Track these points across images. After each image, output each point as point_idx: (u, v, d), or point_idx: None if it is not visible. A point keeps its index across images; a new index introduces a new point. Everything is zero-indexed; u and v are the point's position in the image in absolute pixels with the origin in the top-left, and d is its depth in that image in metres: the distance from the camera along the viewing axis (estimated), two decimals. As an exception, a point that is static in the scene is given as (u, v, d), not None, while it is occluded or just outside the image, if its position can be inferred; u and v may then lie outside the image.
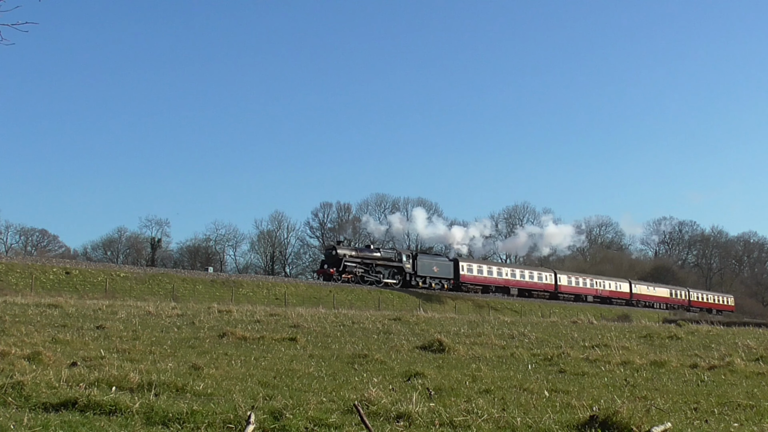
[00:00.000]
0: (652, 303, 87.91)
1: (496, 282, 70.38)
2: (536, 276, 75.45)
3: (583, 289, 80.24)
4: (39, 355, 11.27)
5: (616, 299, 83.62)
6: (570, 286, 78.77)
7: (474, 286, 67.73)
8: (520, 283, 73.01)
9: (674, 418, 8.01)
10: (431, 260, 64.87)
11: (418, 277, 62.16)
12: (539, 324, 26.86)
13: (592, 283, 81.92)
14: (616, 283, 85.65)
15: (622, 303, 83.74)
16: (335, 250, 58.00)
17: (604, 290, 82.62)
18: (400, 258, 61.81)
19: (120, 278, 46.38)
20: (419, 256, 64.01)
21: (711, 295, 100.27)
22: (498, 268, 73.59)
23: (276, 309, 29.86)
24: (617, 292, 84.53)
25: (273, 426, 7.18)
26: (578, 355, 14.73)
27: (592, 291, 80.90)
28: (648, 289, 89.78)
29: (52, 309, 22.39)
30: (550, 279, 76.51)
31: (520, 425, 7.45)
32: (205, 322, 20.03)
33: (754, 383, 11.46)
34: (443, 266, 65.18)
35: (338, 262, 57.37)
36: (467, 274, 67.23)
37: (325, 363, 12.45)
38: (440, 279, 64.16)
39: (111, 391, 8.35)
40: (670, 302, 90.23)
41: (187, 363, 11.36)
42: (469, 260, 72.66)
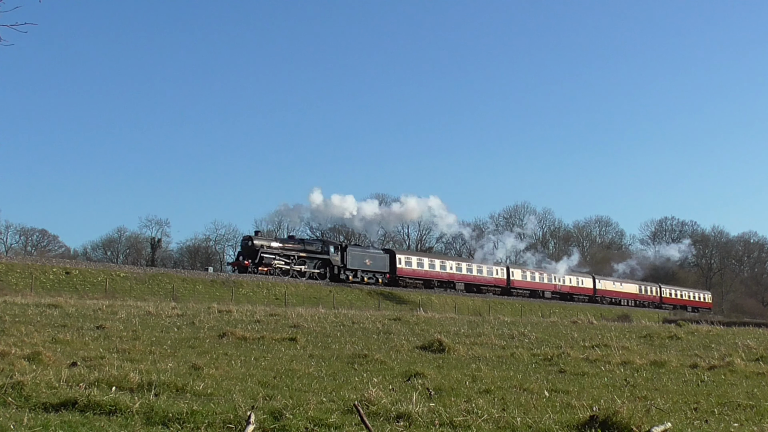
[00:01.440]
0: (619, 300, 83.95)
1: (439, 276, 65.87)
2: (485, 270, 70.86)
3: (540, 284, 75.75)
4: (39, 355, 11.27)
5: (578, 295, 79.24)
6: (524, 281, 74.37)
7: (413, 281, 63.51)
8: (467, 278, 68.30)
9: (674, 418, 8.01)
10: (363, 252, 60.98)
11: (348, 270, 58.03)
12: (539, 324, 26.87)
13: (550, 278, 77.39)
14: (577, 279, 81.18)
15: (584, 299, 79.33)
16: (251, 241, 54.11)
17: (563, 285, 78.18)
18: (327, 249, 57.78)
19: (120, 278, 46.37)
20: (349, 247, 59.87)
21: (686, 291, 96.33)
22: (441, 261, 68.55)
23: (276, 309, 29.86)
24: (579, 287, 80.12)
25: (273, 426, 7.18)
26: (578, 355, 14.73)
27: (549, 286, 76.46)
28: (614, 284, 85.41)
29: (52, 309, 22.39)
30: (501, 273, 72.23)
31: (520, 425, 7.45)
32: (205, 322, 20.03)
33: (754, 383, 11.46)
34: (377, 259, 61.10)
35: (254, 254, 53.47)
36: (405, 268, 63.13)
37: (325, 363, 12.45)
38: (374, 273, 60.07)
39: (111, 391, 8.35)
40: (638, 299, 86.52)
41: (187, 363, 11.36)
42: (407, 252, 68.70)
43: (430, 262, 66.51)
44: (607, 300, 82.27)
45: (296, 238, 58.85)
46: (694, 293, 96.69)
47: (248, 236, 54.70)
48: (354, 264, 58.60)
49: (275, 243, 55.75)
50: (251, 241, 54.00)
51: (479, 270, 70.32)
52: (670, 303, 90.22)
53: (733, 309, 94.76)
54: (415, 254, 68.00)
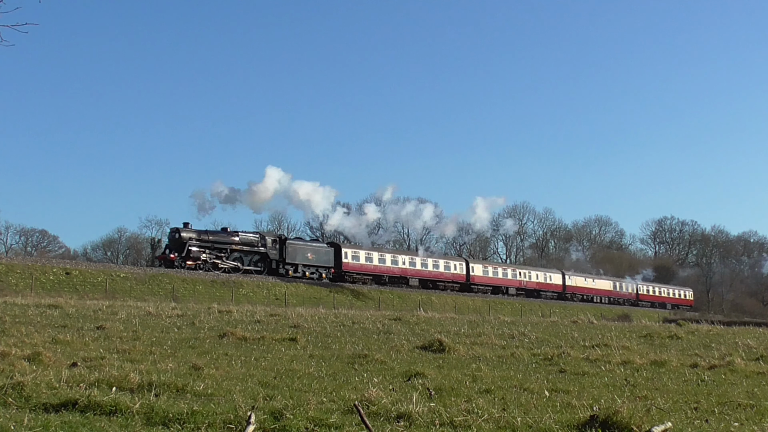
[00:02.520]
0: (591, 296, 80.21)
1: (390, 272, 62.66)
2: (442, 265, 67.31)
3: (503, 280, 71.89)
4: (39, 355, 11.27)
5: (546, 292, 75.38)
6: (486, 277, 70.45)
7: (361, 276, 60.37)
8: (421, 273, 64.80)
9: (674, 418, 8.01)
10: (304, 246, 57.97)
11: (287, 264, 55.11)
12: (539, 324, 26.87)
13: (515, 274, 73.73)
14: (545, 274, 77.57)
15: (553, 296, 75.61)
16: (179, 233, 50.58)
17: (529, 282, 74.16)
18: (264, 242, 54.72)
19: (120, 278, 46.35)
20: (289, 241, 56.97)
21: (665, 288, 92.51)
22: (393, 255, 64.89)
23: (276, 309, 29.86)
24: (546, 284, 76.01)
25: (273, 426, 7.18)
26: (578, 354, 14.72)
27: (514, 282, 72.49)
28: (585, 281, 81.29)
29: (52, 309, 22.39)
30: (460, 269, 68.31)
31: (520, 425, 7.45)
32: (206, 323, 20.03)
33: (755, 383, 11.46)
34: (321, 253, 57.96)
35: (182, 247, 50.10)
36: (352, 263, 59.82)
37: (326, 363, 12.45)
38: (317, 267, 56.94)
39: (111, 392, 8.34)
40: (613, 296, 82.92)
41: (187, 363, 11.36)
42: (354, 246, 64.83)
43: (380, 256, 63.12)
44: (577, 297, 78.36)
45: (230, 231, 55.13)
46: (674, 290, 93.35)
47: (176, 228, 51.26)
48: (294, 258, 55.75)
49: (205, 235, 52.24)
50: (178, 233, 50.69)
51: (435, 265, 66.91)
52: (647, 300, 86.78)
53: (733, 308, 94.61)
54: (363, 248, 64.18)
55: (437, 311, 42.31)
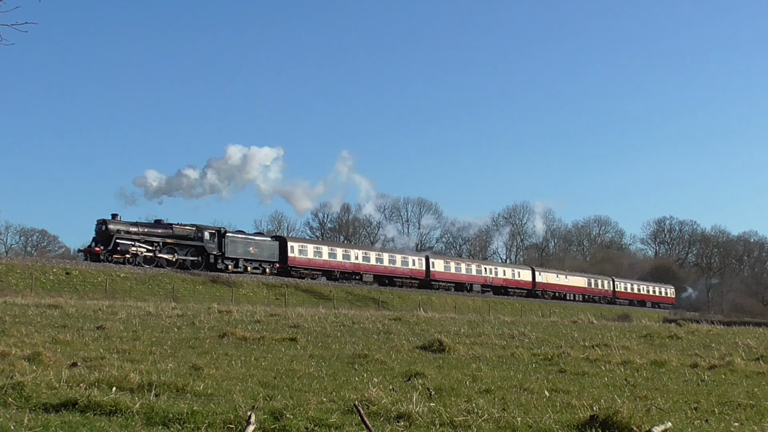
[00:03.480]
0: (564, 294, 77.01)
1: (341, 267, 59.71)
2: (400, 260, 64.21)
3: (467, 276, 68.53)
4: (39, 355, 11.27)
5: (514, 289, 72.35)
6: (447, 273, 67.08)
7: (310, 272, 57.72)
8: (376, 269, 61.73)
9: (674, 418, 8.01)
10: (246, 239, 55.02)
11: (226, 259, 52.65)
12: (539, 324, 26.87)
13: (480, 270, 70.46)
14: (513, 271, 74.70)
15: (522, 294, 72.59)
16: (105, 225, 47.69)
17: (495, 278, 70.93)
18: (201, 235, 51.93)
19: (120, 279, 46.35)
20: (229, 234, 53.99)
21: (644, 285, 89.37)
22: (344, 249, 62.07)
23: (276, 309, 29.88)
24: (514, 281, 72.81)
25: (273, 426, 7.18)
26: (578, 354, 14.72)
27: (478, 279, 69.22)
28: (557, 277, 78.03)
29: (52, 309, 22.40)
30: (419, 264, 65.34)
31: (520, 425, 7.45)
32: (206, 323, 20.04)
33: (755, 383, 11.45)
34: (264, 247, 55.49)
35: (109, 240, 47.44)
36: (299, 257, 57.26)
37: (326, 363, 12.45)
38: (260, 262, 54.68)
39: (111, 392, 8.34)
40: (588, 293, 79.76)
41: (187, 363, 11.36)
42: (301, 240, 61.69)
43: (330, 250, 60.30)
44: (549, 294, 75.11)
45: (164, 223, 51.86)
46: (654, 287, 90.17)
47: (102, 220, 48.48)
48: (235, 252, 53.32)
49: (135, 228, 49.49)
50: (105, 225, 47.90)
51: (392, 260, 63.86)
52: (625, 298, 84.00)
53: (733, 308, 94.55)
54: (312, 242, 61.67)
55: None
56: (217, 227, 54.56)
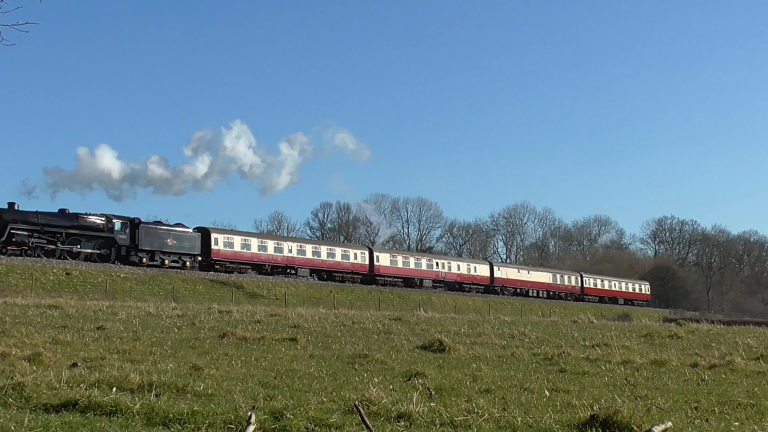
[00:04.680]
0: (526, 290, 73.71)
1: (273, 260, 56.64)
2: (340, 254, 60.64)
3: (416, 270, 65.25)
4: (39, 356, 11.27)
5: (470, 285, 68.95)
6: (394, 267, 63.76)
7: (236, 265, 54.95)
8: (313, 263, 58.62)
9: (675, 417, 8.00)
10: (163, 230, 51.50)
11: (140, 251, 49.50)
12: (540, 323, 26.88)
13: (431, 264, 66.96)
14: (468, 265, 70.95)
15: (479, 290, 69.43)
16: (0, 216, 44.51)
17: (449, 273, 67.41)
18: (111, 226, 48.62)
19: (120, 279, 46.38)
20: (143, 224, 50.34)
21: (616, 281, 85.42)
22: (277, 242, 58.56)
23: (276, 309, 29.88)
24: (470, 276, 69.39)
25: (274, 426, 7.18)
26: (579, 354, 14.72)
27: (429, 274, 65.85)
28: (518, 273, 75.03)
29: (52, 310, 22.39)
30: (362, 258, 61.81)
31: (520, 425, 7.45)
32: (206, 323, 20.03)
33: (755, 382, 11.45)
34: (184, 238, 52.13)
35: (2, 230, 44.26)
36: (224, 250, 54.27)
37: (326, 363, 12.45)
38: (179, 255, 51.55)
39: (111, 392, 8.34)
40: (552, 289, 76.07)
41: (187, 363, 11.36)
42: (227, 231, 58.09)
43: (260, 243, 57.03)
44: (509, 290, 72.00)
45: (68, 213, 48.42)
46: (627, 284, 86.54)
47: None
48: (150, 244, 50.11)
49: (35, 218, 46.16)
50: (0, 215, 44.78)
51: (331, 253, 60.44)
52: (594, 294, 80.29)
53: (733, 308, 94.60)
54: (240, 233, 57.82)
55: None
56: (131, 217, 50.60)
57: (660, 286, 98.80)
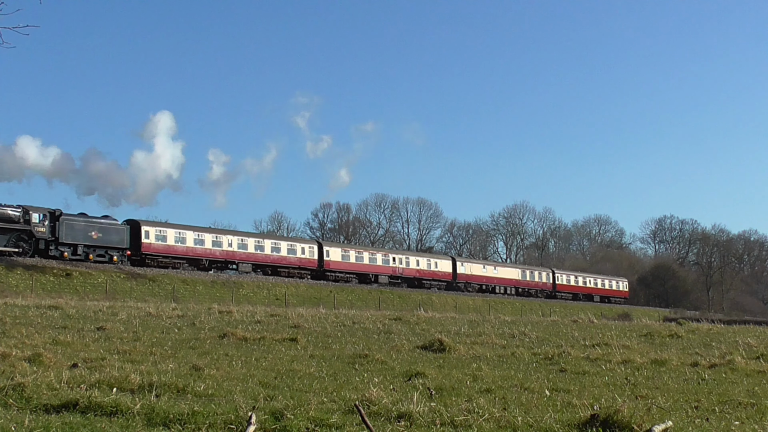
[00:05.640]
0: (492, 287, 70.59)
1: (210, 255, 54.11)
2: (286, 248, 58.20)
3: (370, 266, 62.45)
4: (40, 356, 11.27)
5: (430, 281, 66.19)
6: (346, 263, 61.19)
7: (171, 260, 52.19)
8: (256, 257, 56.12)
9: (675, 417, 8.01)
10: (87, 223, 48.10)
11: (61, 245, 46.45)
12: (540, 323, 26.89)
13: (387, 259, 64.60)
14: (428, 260, 68.42)
15: (441, 286, 66.59)
16: None
17: (407, 269, 64.98)
18: (28, 218, 45.51)
19: (120, 279, 46.42)
20: (65, 216, 46.96)
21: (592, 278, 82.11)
22: (215, 235, 55.59)
23: (276, 309, 29.90)
24: (430, 272, 66.62)
25: (274, 426, 7.18)
26: (579, 354, 14.73)
27: (385, 269, 63.45)
28: (484, 268, 71.91)
29: (52, 310, 22.41)
30: (310, 253, 59.47)
31: (521, 424, 7.45)
32: (206, 323, 20.04)
33: (755, 381, 11.45)
34: (110, 231, 48.95)
35: None
36: (156, 244, 51.26)
37: (326, 363, 12.45)
38: (105, 249, 48.43)
39: (112, 393, 8.35)
40: (521, 285, 73.34)
41: (187, 364, 11.37)
42: (159, 224, 54.45)
43: (196, 236, 53.88)
44: (473, 287, 69.12)
45: None
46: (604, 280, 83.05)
47: None
48: (73, 237, 47.06)
49: None
50: None
51: (275, 247, 57.68)
52: (567, 291, 77.13)
53: (733, 307, 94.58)
54: (174, 226, 54.16)
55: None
56: (51, 209, 47.49)
57: (660, 286, 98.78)
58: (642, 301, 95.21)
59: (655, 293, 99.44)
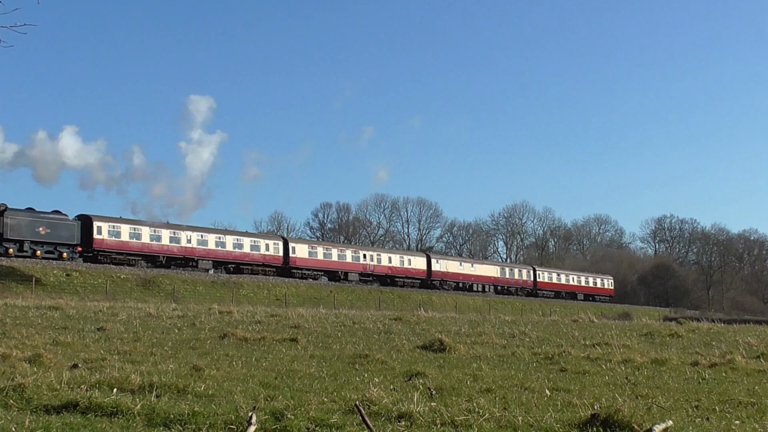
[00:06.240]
0: (469, 284, 68.36)
1: (168, 251, 52.14)
2: (249, 244, 56.55)
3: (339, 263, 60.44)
4: (40, 357, 11.27)
5: (403, 278, 64.00)
6: (313, 260, 59.32)
7: (126, 257, 50.17)
8: (216, 254, 54.50)
9: (675, 416, 8.01)
10: (34, 218, 46.07)
11: (6, 241, 44.63)
12: (540, 323, 26.89)
13: (357, 256, 62.12)
14: (401, 257, 65.65)
15: (414, 284, 64.43)
16: None
17: (378, 266, 62.73)
18: None
19: (120, 280, 46.42)
20: (10, 211, 45.00)
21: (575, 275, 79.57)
22: (173, 231, 53.04)
23: (276, 310, 29.90)
24: (403, 269, 64.33)
25: (274, 426, 7.18)
26: (579, 353, 14.73)
27: (356, 266, 61.41)
28: (460, 266, 69.45)
29: (52, 311, 22.41)
30: (275, 249, 57.67)
31: (521, 424, 7.45)
32: (206, 324, 20.04)
33: (755, 381, 11.45)
34: (60, 227, 47.04)
35: None
36: (109, 239, 49.43)
37: (326, 363, 12.45)
38: (54, 245, 46.71)
39: (112, 393, 8.35)
40: (500, 283, 71.24)
41: (188, 364, 11.37)
42: (113, 220, 50.93)
43: (153, 232, 51.76)
44: (449, 285, 66.89)
45: None
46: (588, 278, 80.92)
47: None
48: (18, 233, 45.06)
49: None
50: None
51: (238, 243, 55.93)
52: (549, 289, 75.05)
53: (733, 307, 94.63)
54: (128, 222, 51.53)
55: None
56: None
57: (660, 285, 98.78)
58: (642, 301, 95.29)
59: (655, 293, 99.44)
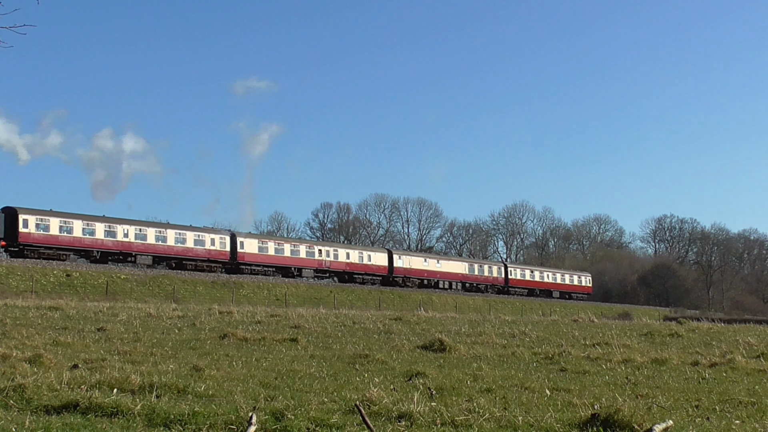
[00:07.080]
0: (435, 281, 65.95)
1: (102, 246, 49.43)
2: (192, 239, 53.73)
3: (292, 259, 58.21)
4: (40, 357, 11.27)
5: (362, 275, 61.86)
6: (263, 255, 56.84)
7: (56, 252, 47.32)
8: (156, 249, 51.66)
9: (676, 416, 8.01)
10: None
11: None
12: (540, 323, 26.89)
13: (312, 252, 60.14)
14: (360, 253, 63.40)
15: (374, 282, 62.22)
16: None
17: (335, 262, 60.34)
18: None
19: (120, 280, 46.42)
20: None
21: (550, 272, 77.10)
22: (109, 225, 50.07)
23: (277, 310, 29.90)
24: (363, 265, 62.01)
25: (275, 426, 7.18)
26: (579, 353, 14.73)
27: (310, 262, 59.11)
28: (425, 262, 66.87)
29: (52, 311, 22.41)
30: (221, 244, 55.15)
31: (521, 424, 7.45)
32: (206, 324, 20.04)
33: (756, 380, 11.46)
34: None
35: None
36: (36, 233, 46.23)
37: (326, 363, 12.45)
38: None
39: (112, 393, 8.35)
40: (469, 280, 68.70)
41: (188, 364, 11.37)
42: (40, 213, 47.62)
43: (86, 225, 48.86)
44: (413, 281, 64.51)
45: None
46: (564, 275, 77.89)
47: None
48: None
49: None
50: None
51: (180, 237, 53.15)
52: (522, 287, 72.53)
53: (733, 306, 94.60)
54: (59, 215, 48.56)
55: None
56: None
57: (660, 285, 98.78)
58: (642, 301, 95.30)
59: (655, 292, 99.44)
